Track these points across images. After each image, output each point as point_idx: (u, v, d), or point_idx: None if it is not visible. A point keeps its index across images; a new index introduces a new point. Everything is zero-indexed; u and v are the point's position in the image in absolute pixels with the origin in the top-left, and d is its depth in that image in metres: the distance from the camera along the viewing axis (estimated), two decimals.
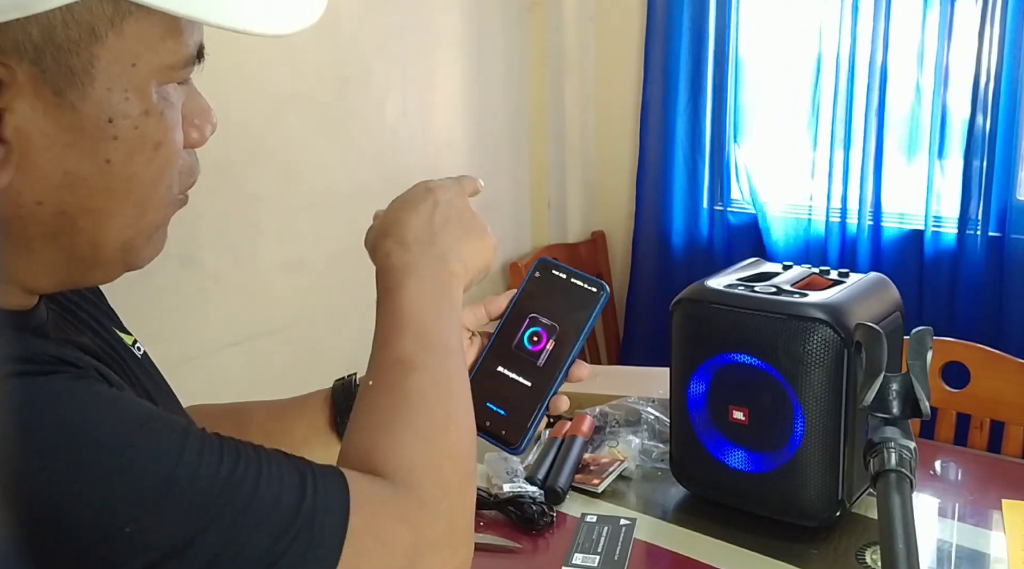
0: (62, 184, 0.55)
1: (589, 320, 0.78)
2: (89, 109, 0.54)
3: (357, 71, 2.25)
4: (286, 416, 0.91)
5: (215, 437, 0.58)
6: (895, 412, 0.72)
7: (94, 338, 0.70)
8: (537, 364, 0.78)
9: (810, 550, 1.23)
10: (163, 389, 0.78)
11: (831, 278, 1.33)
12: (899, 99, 2.42)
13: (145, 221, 0.60)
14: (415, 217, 0.76)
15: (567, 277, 0.80)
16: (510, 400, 0.78)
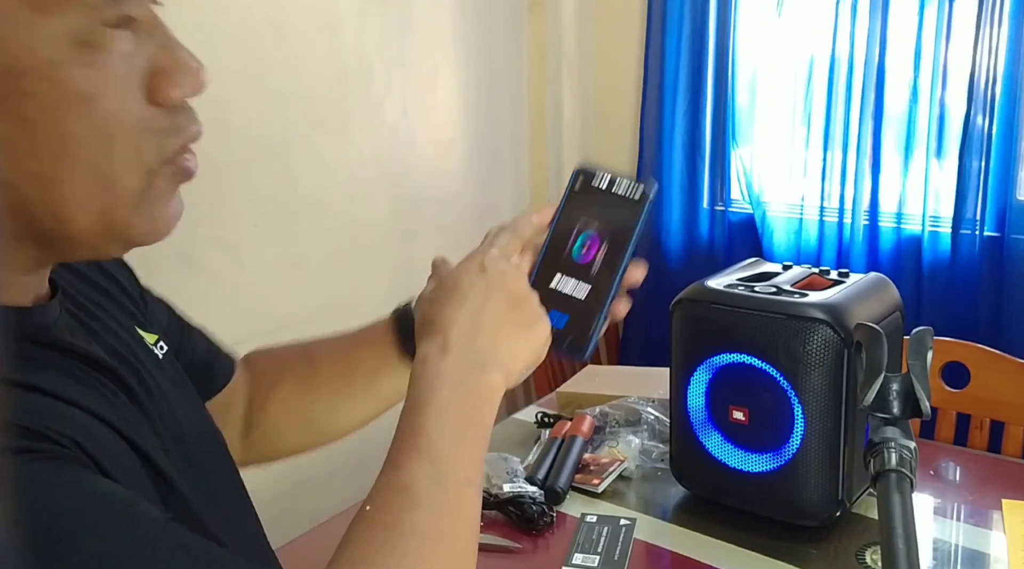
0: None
1: (639, 218, 0.76)
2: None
3: (357, 71, 2.25)
4: (353, 348, 0.90)
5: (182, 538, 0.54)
6: (895, 412, 0.72)
7: (112, 340, 0.68)
8: (592, 271, 0.76)
9: (810, 550, 1.23)
10: (183, 393, 0.76)
11: (831, 278, 1.33)
12: (897, 99, 2.42)
13: (117, 188, 0.55)
14: (462, 313, 0.69)
15: (609, 184, 0.77)
16: (570, 309, 0.76)
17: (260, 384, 0.94)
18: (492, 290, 0.70)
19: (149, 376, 0.70)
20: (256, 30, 1.97)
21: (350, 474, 0.63)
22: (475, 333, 0.68)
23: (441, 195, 2.56)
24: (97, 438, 0.55)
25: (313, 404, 0.92)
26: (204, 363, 0.89)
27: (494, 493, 1.34)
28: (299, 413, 0.93)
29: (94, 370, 0.62)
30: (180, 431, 0.71)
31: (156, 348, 0.75)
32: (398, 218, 2.40)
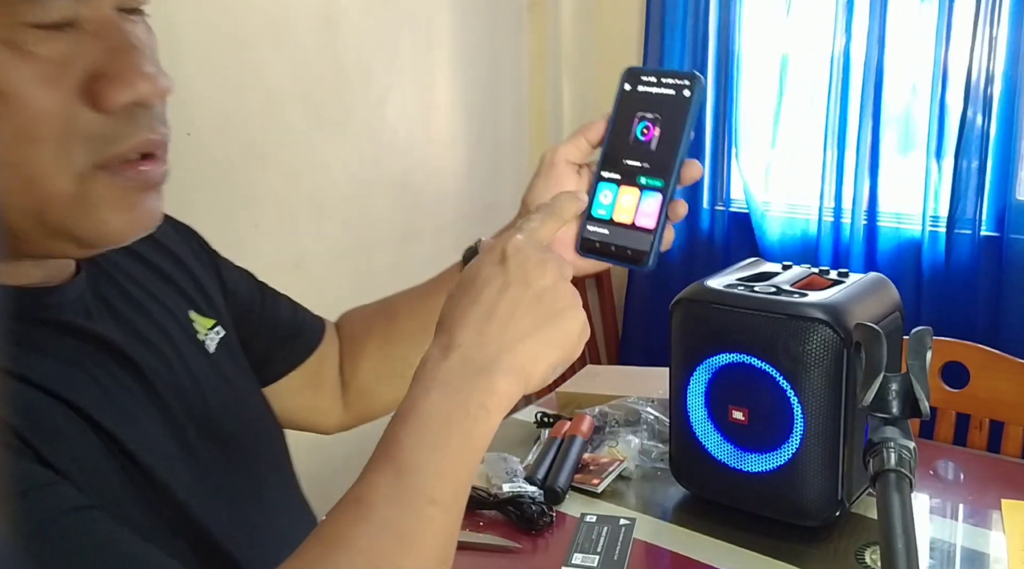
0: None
1: (688, 116, 0.74)
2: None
3: (357, 71, 2.26)
4: (428, 297, 0.90)
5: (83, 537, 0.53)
6: (895, 412, 0.72)
7: (144, 323, 0.69)
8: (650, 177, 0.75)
9: (810, 550, 1.23)
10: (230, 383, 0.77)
11: (831, 278, 1.33)
12: (897, 98, 2.42)
13: (44, 190, 0.55)
14: (474, 311, 0.62)
15: (658, 79, 0.76)
16: None
17: (349, 345, 0.96)
18: (511, 283, 0.62)
19: (178, 358, 0.71)
20: (256, 30, 1.97)
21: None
22: (485, 333, 0.61)
23: (441, 195, 2.56)
24: (44, 419, 0.55)
25: (398, 356, 0.93)
26: (289, 330, 0.92)
27: (493, 493, 1.34)
28: (387, 367, 0.94)
29: (98, 351, 0.63)
30: (207, 412, 0.72)
31: (211, 333, 0.77)
32: (398, 218, 2.40)
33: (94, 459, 0.59)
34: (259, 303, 0.90)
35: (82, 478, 0.56)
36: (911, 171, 2.44)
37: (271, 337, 0.89)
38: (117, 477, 0.60)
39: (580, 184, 0.79)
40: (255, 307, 0.89)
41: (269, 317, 0.90)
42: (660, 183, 0.74)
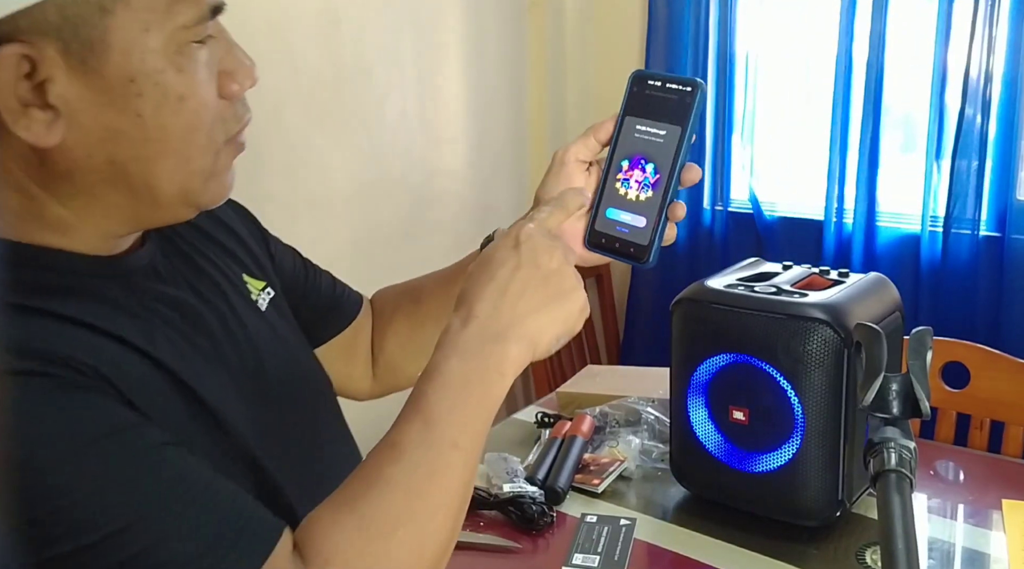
0: (105, 138, 0.63)
1: (690, 120, 0.78)
2: (112, 72, 0.62)
3: (357, 71, 2.26)
4: (449, 280, 0.98)
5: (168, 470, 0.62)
6: (895, 412, 0.72)
7: (205, 284, 0.79)
8: (650, 178, 0.80)
9: (810, 550, 1.23)
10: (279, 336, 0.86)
11: (831, 278, 1.33)
12: (897, 98, 2.42)
13: (193, 166, 0.68)
14: (490, 288, 0.72)
15: (663, 83, 0.80)
16: (636, 216, 0.80)
17: (379, 321, 1.06)
18: (522, 265, 0.72)
19: (234, 317, 0.80)
20: (256, 30, 1.97)
21: None
22: (499, 306, 0.71)
23: (441, 195, 2.56)
24: (127, 369, 0.64)
25: (422, 334, 1.01)
26: (329, 302, 1.01)
27: (494, 493, 1.34)
28: (412, 344, 1.03)
29: (170, 309, 0.73)
30: (261, 367, 0.81)
31: (263, 293, 0.87)
32: (398, 218, 2.40)
33: (172, 407, 0.67)
34: (303, 276, 0.99)
35: (163, 423, 0.64)
36: (912, 171, 2.44)
37: (313, 307, 0.97)
38: (192, 424, 0.68)
39: (588, 181, 0.85)
40: (300, 279, 0.98)
41: (312, 289, 0.99)
42: (662, 184, 0.78)
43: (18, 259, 0.65)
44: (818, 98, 2.56)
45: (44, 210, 0.66)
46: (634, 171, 0.81)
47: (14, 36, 0.58)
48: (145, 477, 0.61)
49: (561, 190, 0.81)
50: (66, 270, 0.67)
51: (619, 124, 0.83)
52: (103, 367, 0.62)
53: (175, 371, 0.68)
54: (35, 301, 0.62)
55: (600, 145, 0.85)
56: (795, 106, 2.63)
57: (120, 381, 0.63)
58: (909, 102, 2.43)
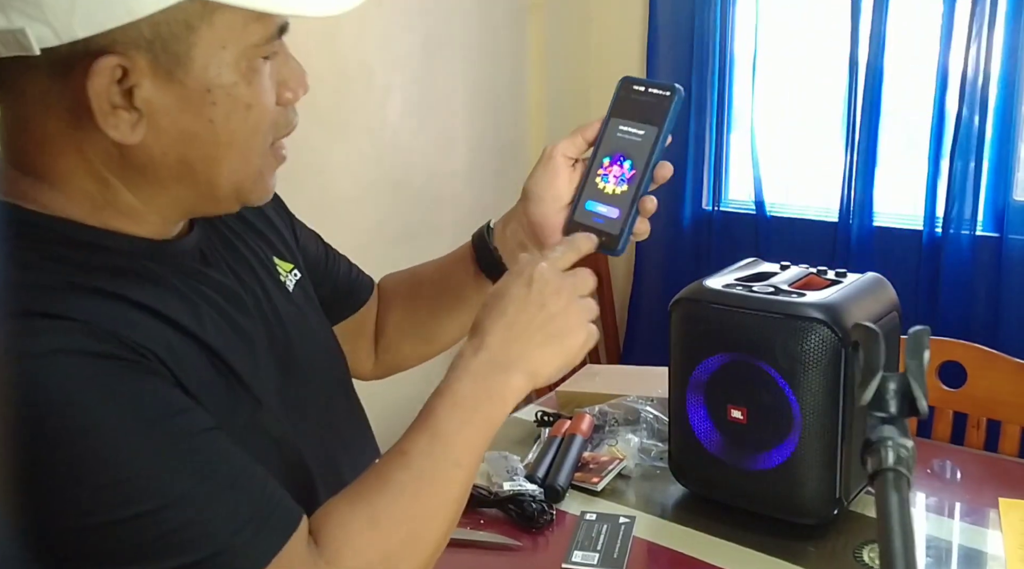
0: (179, 139, 0.70)
1: (666, 121, 0.85)
2: (192, 83, 0.69)
3: (358, 72, 2.26)
4: (444, 268, 1.07)
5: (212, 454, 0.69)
6: (892, 411, 0.73)
7: (241, 265, 0.86)
8: (626, 173, 0.86)
9: (808, 548, 1.24)
10: (305, 315, 0.92)
11: (828, 278, 1.34)
12: (896, 98, 2.43)
13: (250, 167, 0.75)
14: (501, 322, 0.79)
15: (646, 88, 0.87)
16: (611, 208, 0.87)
17: (382, 305, 1.13)
18: (531, 304, 0.79)
19: (266, 298, 0.86)
20: None
21: None
22: (508, 340, 0.79)
23: (441, 195, 2.56)
24: (180, 353, 0.71)
25: (419, 318, 1.10)
26: (345, 286, 1.08)
27: (494, 491, 1.35)
28: (409, 326, 1.11)
29: (213, 291, 0.78)
30: (290, 347, 0.86)
31: (290, 275, 0.93)
32: (398, 219, 2.41)
33: (215, 387, 0.73)
34: (324, 260, 1.06)
35: (207, 402, 0.71)
36: (910, 171, 2.44)
37: (332, 289, 1.04)
38: (230, 401, 0.75)
39: (573, 176, 0.92)
40: (320, 263, 1.05)
41: (331, 272, 1.06)
42: (636, 179, 0.85)
43: (89, 240, 0.71)
44: (818, 98, 2.57)
45: (118, 197, 0.73)
46: (613, 167, 0.88)
47: (111, 48, 0.65)
48: (190, 460, 0.67)
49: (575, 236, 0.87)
50: (132, 252, 0.73)
51: (604, 124, 0.89)
52: (161, 352, 0.68)
53: (219, 353, 0.75)
54: (108, 284, 0.68)
55: (587, 143, 0.92)
56: (795, 106, 2.63)
57: (174, 365, 0.69)
58: (908, 102, 2.43)
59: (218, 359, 0.75)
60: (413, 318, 1.11)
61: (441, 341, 1.12)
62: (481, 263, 1.01)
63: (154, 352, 0.68)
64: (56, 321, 0.64)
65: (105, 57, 0.65)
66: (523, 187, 0.95)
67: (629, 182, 0.87)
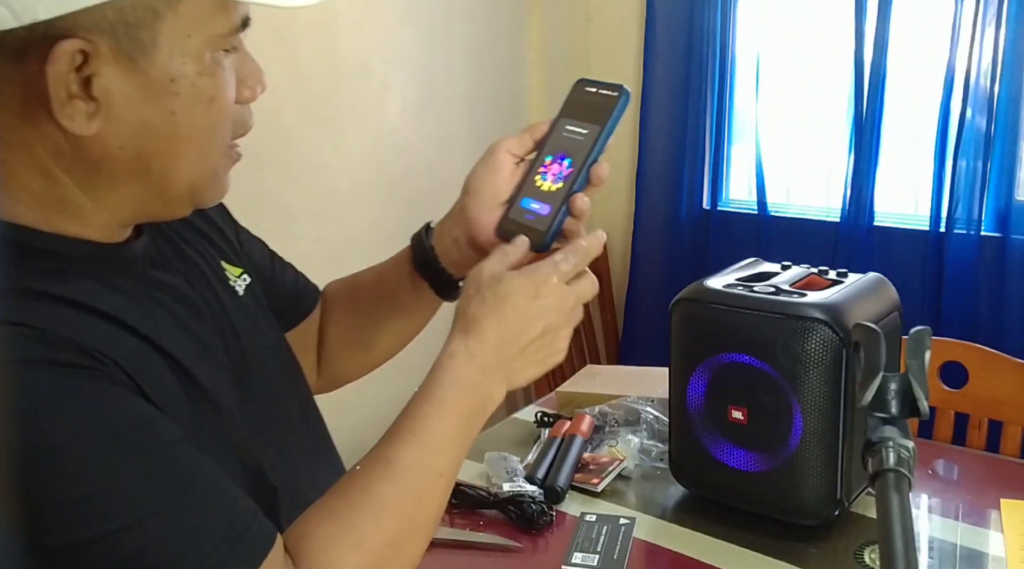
0: (138, 132, 0.68)
1: (608, 121, 0.84)
2: (156, 72, 0.67)
3: (356, 70, 2.26)
4: (382, 273, 1.04)
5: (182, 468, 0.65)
6: (893, 412, 0.73)
7: (192, 270, 0.83)
8: (564, 171, 0.85)
9: (809, 549, 1.23)
10: (256, 321, 0.89)
11: (830, 278, 1.33)
12: (898, 98, 2.42)
13: (207, 165, 0.73)
14: (499, 332, 0.77)
15: (596, 89, 0.86)
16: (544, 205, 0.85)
17: (324, 314, 1.08)
18: (533, 317, 0.77)
19: (218, 303, 0.83)
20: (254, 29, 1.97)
21: None
22: (502, 351, 0.77)
23: (441, 195, 2.55)
24: (141, 361, 0.68)
25: (358, 325, 1.06)
26: (292, 295, 1.04)
27: (493, 492, 1.34)
28: (350, 335, 1.07)
29: (166, 296, 0.76)
30: (244, 354, 0.83)
31: (239, 280, 0.90)
32: (396, 216, 2.40)
33: (175, 394, 0.70)
34: (270, 268, 1.02)
35: (170, 412, 0.68)
36: (911, 171, 2.44)
37: (277, 299, 0.99)
38: (192, 409, 0.72)
39: (515, 175, 0.89)
40: (266, 270, 1.00)
41: (278, 281, 1.02)
42: (571, 176, 0.84)
43: (38, 245, 0.68)
44: (820, 97, 2.57)
45: (67, 196, 0.69)
46: (553, 165, 0.86)
47: (72, 32, 0.62)
48: (161, 474, 0.64)
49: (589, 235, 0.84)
50: (81, 256, 0.70)
51: (553, 124, 0.88)
52: (121, 359, 0.65)
53: (178, 359, 0.72)
54: (59, 289, 0.65)
55: (534, 142, 0.89)
56: (797, 105, 2.63)
57: (136, 373, 0.66)
58: (910, 102, 2.43)
59: (178, 366, 0.72)
60: (353, 326, 1.06)
61: (381, 350, 1.07)
62: (417, 263, 0.98)
63: (115, 360, 0.65)
64: (13, 329, 0.61)
65: (67, 40, 0.62)
66: (464, 181, 0.93)
67: (565, 179, 0.85)
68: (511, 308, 0.77)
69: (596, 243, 0.82)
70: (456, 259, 0.95)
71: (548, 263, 0.79)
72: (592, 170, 0.84)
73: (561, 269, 0.79)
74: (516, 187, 0.88)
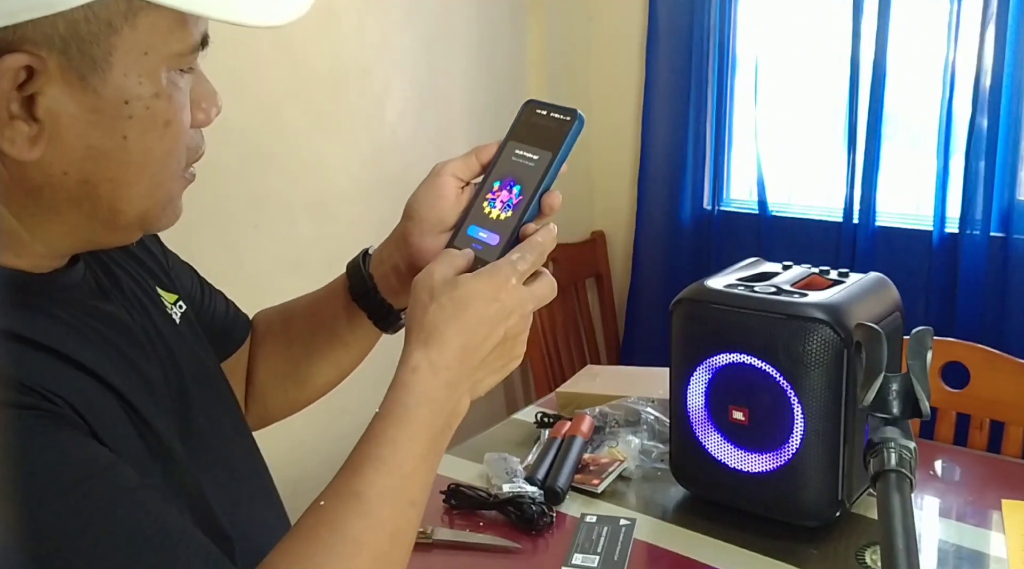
0: (86, 157, 0.62)
1: (561, 147, 0.80)
2: (108, 92, 0.61)
3: (356, 70, 2.25)
4: (316, 303, 0.97)
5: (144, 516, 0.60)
6: (895, 412, 0.72)
7: (129, 298, 0.78)
8: (514, 199, 0.81)
9: (810, 550, 1.23)
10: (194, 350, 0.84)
11: (831, 278, 1.33)
12: (899, 98, 2.42)
13: (160, 192, 0.68)
14: (462, 340, 0.71)
15: (548, 112, 0.82)
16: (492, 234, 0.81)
17: (253, 346, 1.01)
18: (496, 324, 0.72)
19: (156, 333, 0.78)
20: (255, 30, 1.97)
21: None
22: (466, 362, 0.72)
23: None
24: (90, 398, 0.62)
25: (290, 357, 0.98)
26: (222, 325, 0.97)
27: (493, 493, 1.34)
28: (281, 369, 0.99)
29: (107, 327, 0.70)
30: (184, 387, 0.78)
31: (175, 307, 0.85)
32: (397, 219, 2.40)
33: (125, 432, 0.65)
34: (199, 295, 0.96)
35: (122, 451, 0.63)
36: (913, 171, 2.44)
37: (208, 328, 0.92)
38: (140, 445, 0.67)
39: (460, 199, 0.84)
40: (196, 298, 0.94)
41: (207, 310, 0.95)
42: (521, 205, 0.80)
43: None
44: (822, 97, 2.56)
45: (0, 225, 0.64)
46: (502, 192, 0.82)
47: (19, 46, 0.57)
48: (124, 523, 0.59)
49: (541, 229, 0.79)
50: (21, 288, 0.65)
51: (501, 147, 0.84)
52: (71, 398, 0.60)
53: (123, 394, 0.67)
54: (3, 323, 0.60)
55: (480, 165, 0.84)
56: (798, 105, 2.63)
57: (87, 412, 0.61)
58: (911, 102, 2.43)
59: (125, 403, 0.66)
60: (286, 359, 0.99)
61: (315, 385, 1.00)
62: (355, 293, 0.91)
63: (66, 400, 0.60)
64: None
65: (11, 55, 0.57)
66: (405, 205, 0.87)
67: (514, 209, 0.80)
68: (472, 314, 0.71)
69: (550, 237, 0.78)
70: (396, 288, 0.89)
71: (505, 263, 0.74)
72: (544, 199, 0.80)
73: (519, 269, 0.74)
74: (462, 213, 0.83)
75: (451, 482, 1.37)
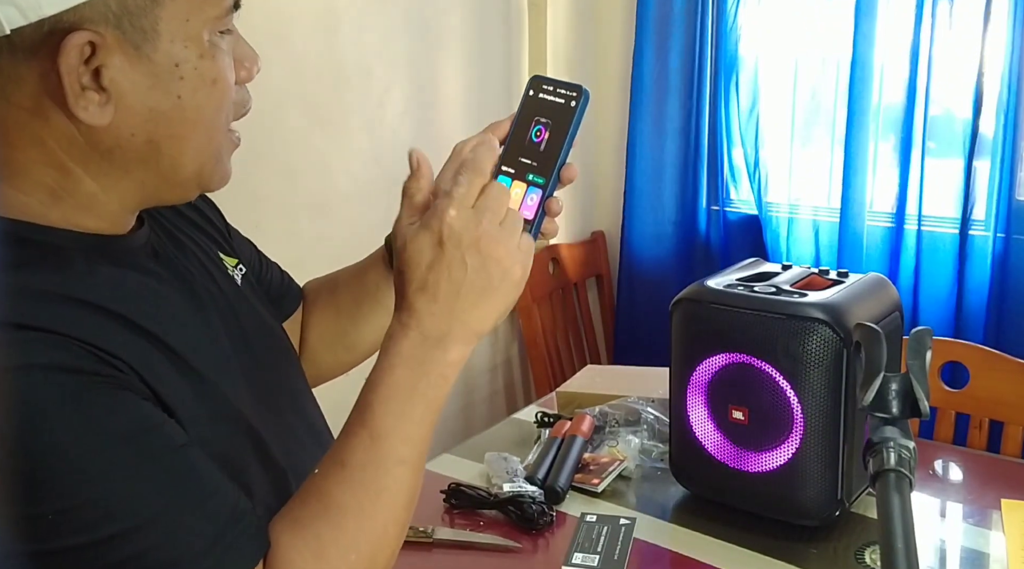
0: (148, 118, 0.70)
1: (572, 123, 0.83)
2: (160, 58, 0.69)
3: (357, 70, 2.25)
4: (361, 271, 1.04)
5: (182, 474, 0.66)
6: (894, 412, 0.73)
7: (192, 260, 0.84)
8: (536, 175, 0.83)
9: (809, 549, 1.23)
10: (255, 309, 0.90)
11: (830, 278, 1.33)
12: (898, 98, 2.42)
13: (212, 146, 0.75)
14: (424, 295, 0.73)
15: (554, 88, 0.85)
16: None
17: (305, 314, 1.08)
18: (451, 265, 0.72)
19: (220, 293, 0.85)
20: (256, 30, 1.96)
21: None
22: (435, 312, 0.73)
23: None
24: (149, 359, 0.69)
25: (339, 324, 1.06)
26: (278, 291, 1.04)
27: (494, 493, 1.34)
28: (329, 335, 1.07)
29: (169, 288, 0.77)
30: (249, 343, 0.84)
31: (236, 270, 0.92)
32: None
33: (183, 392, 0.71)
34: (258, 265, 1.03)
35: (179, 409, 0.69)
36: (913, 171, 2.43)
37: (265, 295, 0.99)
38: (199, 405, 0.72)
39: None
40: (255, 268, 1.01)
41: (265, 279, 1.02)
42: (542, 181, 0.81)
43: (48, 241, 0.69)
44: (822, 97, 2.56)
45: (79, 187, 0.71)
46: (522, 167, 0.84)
47: (79, 25, 0.64)
48: (164, 478, 0.65)
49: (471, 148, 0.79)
50: (88, 249, 0.71)
51: (514, 123, 0.86)
52: (134, 362, 0.67)
53: (185, 355, 0.73)
54: (74, 290, 0.67)
55: (498, 142, 0.84)
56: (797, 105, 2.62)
57: (147, 374, 0.68)
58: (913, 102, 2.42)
59: (183, 362, 0.72)
60: (335, 326, 1.06)
61: (362, 349, 1.06)
62: (393, 262, 0.91)
63: (128, 363, 0.66)
64: (30, 333, 0.62)
65: (75, 33, 0.64)
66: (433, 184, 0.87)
67: None
68: (424, 267, 0.72)
69: (484, 149, 0.77)
70: None
71: (440, 199, 0.74)
72: (563, 172, 0.83)
73: (455, 196, 0.73)
74: None
75: (451, 481, 1.37)
